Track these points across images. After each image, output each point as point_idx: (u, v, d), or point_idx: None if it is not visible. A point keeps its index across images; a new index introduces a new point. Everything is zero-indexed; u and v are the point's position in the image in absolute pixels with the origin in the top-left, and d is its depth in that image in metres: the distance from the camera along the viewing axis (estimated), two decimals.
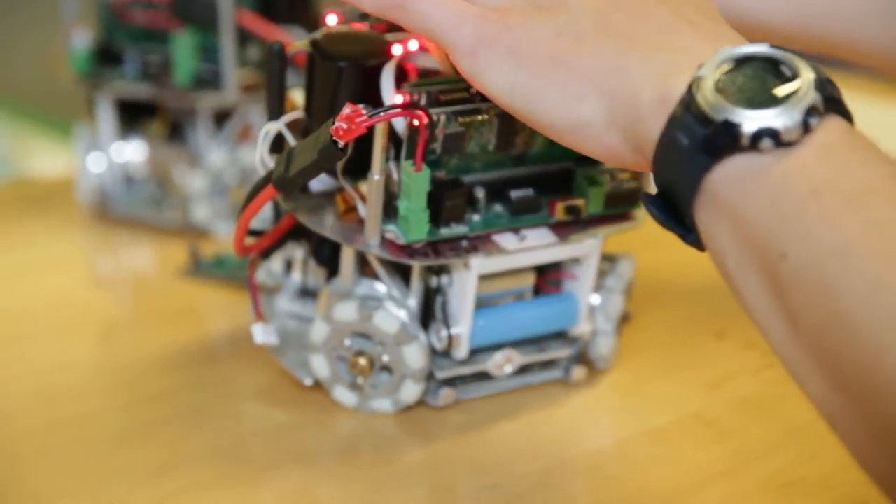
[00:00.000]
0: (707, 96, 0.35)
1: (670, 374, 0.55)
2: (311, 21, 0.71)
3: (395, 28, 0.49)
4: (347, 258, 0.49)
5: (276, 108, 0.49)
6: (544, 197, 0.49)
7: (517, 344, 0.52)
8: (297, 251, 0.53)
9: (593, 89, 0.38)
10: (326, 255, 0.51)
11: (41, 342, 0.58)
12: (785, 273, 0.33)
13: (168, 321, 0.60)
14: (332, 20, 0.50)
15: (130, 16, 0.70)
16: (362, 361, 0.49)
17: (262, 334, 0.51)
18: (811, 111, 0.34)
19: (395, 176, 0.47)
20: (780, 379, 0.54)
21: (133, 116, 0.72)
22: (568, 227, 0.50)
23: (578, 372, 0.53)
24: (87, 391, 0.53)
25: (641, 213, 0.51)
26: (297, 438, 0.49)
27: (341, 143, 0.43)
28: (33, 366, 0.56)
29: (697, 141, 0.34)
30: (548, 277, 0.52)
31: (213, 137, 0.70)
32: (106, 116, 0.71)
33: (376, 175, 0.45)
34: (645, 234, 0.57)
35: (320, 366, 0.50)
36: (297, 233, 0.51)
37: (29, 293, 0.63)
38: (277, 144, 0.48)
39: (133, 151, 0.72)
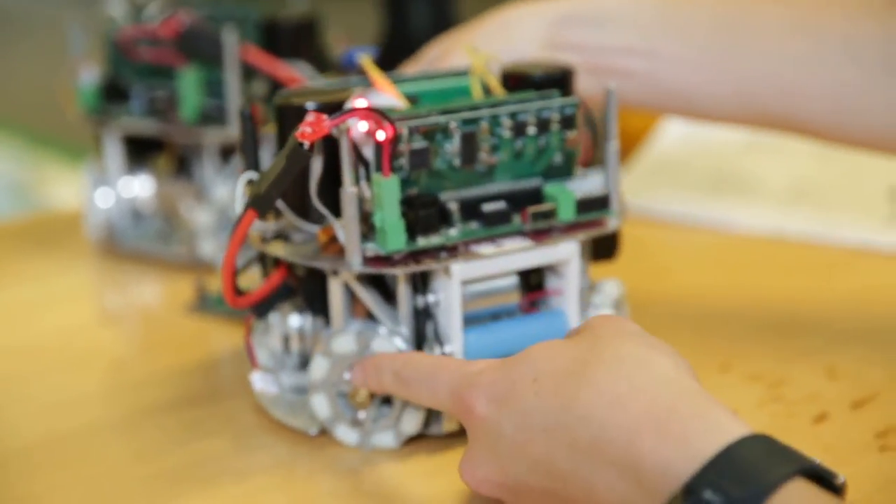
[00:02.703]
0: None
1: None
2: (315, 55, 0.72)
3: (356, 84, 0.52)
4: (336, 294, 0.50)
5: (252, 165, 0.50)
6: (516, 211, 0.51)
7: None
8: (292, 319, 0.53)
9: None
10: (319, 302, 0.51)
11: (50, 378, 0.58)
12: None
13: (174, 357, 0.60)
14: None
15: (137, 52, 0.71)
16: (362, 393, 0.49)
17: (260, 382, 0.52)
18: None
19: (367, 194, 0.48)
20: (785, 413, 0.54)
21: (140, 152, 0.73)
22: (543, 234, 0.51)
23: None
24: (96, 428, 0.53)
25: (614, 220, 0.52)
26: (300, 474, 0.49)
27: (307, 144, 0.45)
28: (42, 402, 0.56)
29: None
30: (533, 298, 0.52)
31: (219, 172, 0.71)
32: (113, 152, 0.72)
33: (349, 188, 0.46)
34: (651, 262, 0.57)
35: (321, 405, 0.50)
36: (288, 290, 0.52)
37: (37, 329, 0.64)
38: None
39: (140, 187, 0.73)
